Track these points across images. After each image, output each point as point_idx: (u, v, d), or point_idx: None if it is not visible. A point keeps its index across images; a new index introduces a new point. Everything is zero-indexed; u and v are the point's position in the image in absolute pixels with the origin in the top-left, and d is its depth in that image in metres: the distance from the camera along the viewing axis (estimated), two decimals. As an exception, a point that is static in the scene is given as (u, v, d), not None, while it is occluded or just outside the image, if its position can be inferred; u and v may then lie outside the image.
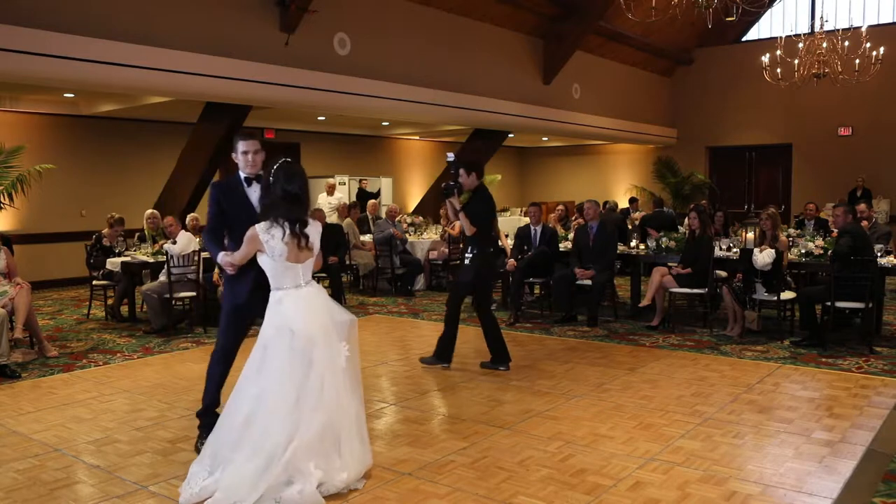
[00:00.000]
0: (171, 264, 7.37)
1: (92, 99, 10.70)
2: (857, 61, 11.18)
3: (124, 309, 8.36)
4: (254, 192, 3.93)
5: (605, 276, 7.89)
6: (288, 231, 3.55)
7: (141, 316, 8.34)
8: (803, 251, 7.36)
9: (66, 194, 11.19)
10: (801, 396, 5.12)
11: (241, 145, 3.97)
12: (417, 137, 17.06)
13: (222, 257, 3.79)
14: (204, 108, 10.08)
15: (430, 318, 8.46)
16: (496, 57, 12.92)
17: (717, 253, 7.67)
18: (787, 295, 7.08)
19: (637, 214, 13.21)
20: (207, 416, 4.09)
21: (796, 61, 11.46)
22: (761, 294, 7.00)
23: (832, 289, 6.47)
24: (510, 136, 15.02)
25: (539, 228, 8.47)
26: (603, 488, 3.55)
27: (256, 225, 3.60)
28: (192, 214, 9.27)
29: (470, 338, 7.36)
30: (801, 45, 11.51)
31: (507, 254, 8.94)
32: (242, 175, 3.99)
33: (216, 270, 7.88)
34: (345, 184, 14.32)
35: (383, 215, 11.35)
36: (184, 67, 8.43)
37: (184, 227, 8.29)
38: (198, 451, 3.93)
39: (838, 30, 11.64)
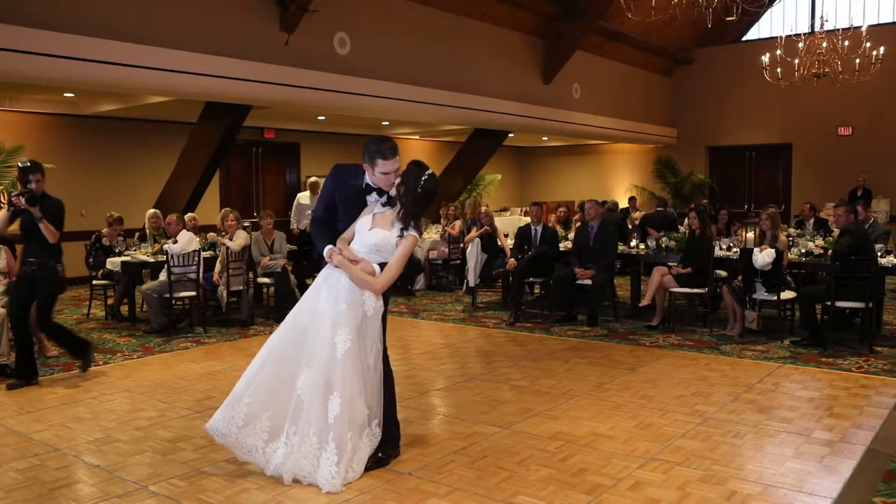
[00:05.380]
0: (172, 264, 7.37)
1: (92, 99, 10.70)
2: (857, 61, 11.17)
3: (124, 309, 8.36)
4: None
5: (605, 275, 7.89)
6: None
7: (141, 316, 8.34)
8: (803, 251, 7.36)
9: (66, 194, 10.93)
10: (801, 396, 5.12)
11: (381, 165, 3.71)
12: (417, 137, 17.06)
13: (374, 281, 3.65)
14: (204, 108, 10.08)
15: (430, 317, 8.46)
16: (496, 57, 12.92)
17: (717, 253, 7.67)
18: (787, 295, 7.08)
19: (637, 214, 13.20)
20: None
21: (796, 61, 11.45)
22: (761, 294, 7.00)
23: (832, 289, 6.47)
24: (510, 135, 15.01)
25: (539, 228, 8.47)
26: (603, 488, 3.55)
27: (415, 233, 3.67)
28: (190, 214, 9.27)
29: (470, 337, 7.37)
30: (801, 44, 11.51)
31: (507, 253, 8.95)
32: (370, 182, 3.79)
33: (216, 270, 7.89)
34: None
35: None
36: (184, 67, 8.43)
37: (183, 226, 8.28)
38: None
39: (838, 29, 11.63)
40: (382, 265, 3.67)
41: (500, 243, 9.38)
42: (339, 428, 3.54)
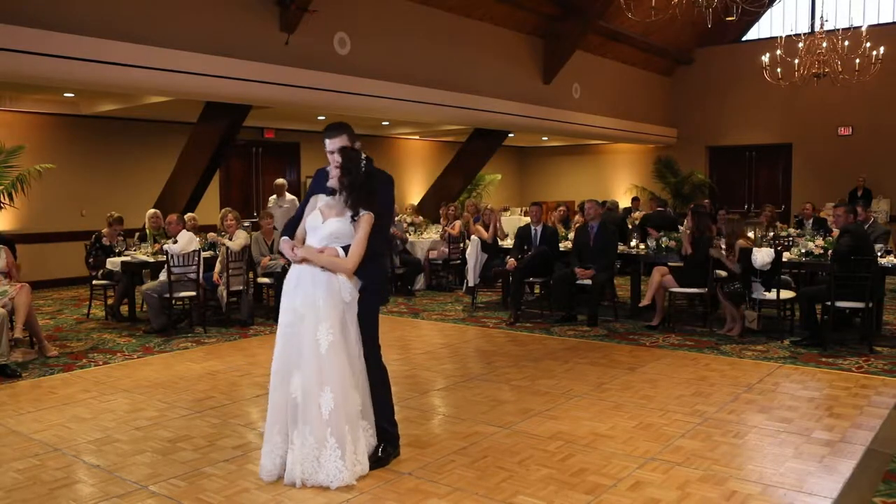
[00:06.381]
0: (172, 264, 7.37)
1: (92, 99, 10.70)
2: (857, 61, 11.16)
3: (124, 309, 8.36)
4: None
5: (605, 275, 7.89)
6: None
7: (141, 316, 8.34)
8: (803, 251, 7.36)
9: (66, 194, 11.19)
10: (801, 396, 5.12)
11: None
12: (417, 137, 17.06)
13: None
14: (204, 108, 10.08)
15: (430, 317, 8.46)
16: (496, 57, 12.92)
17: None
18: (787, 294, 7.08)
19: (637, 214, 13.20)
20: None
21: (796, 61, 11.45)
22: (760, 293, 7.00)
23: (832, 288, 6.47)
24: (510, 135, 15.01)
25: (539, 228, 8.47)
26: (603, 488, 3.55)
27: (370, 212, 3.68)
28: (190, 214, 9.27)
29: (470, 337, 7.37)
30: (801, 44, 11.50)
31: (487, 236, 9.02)
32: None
33: (216, 270, 7.89)
34: None
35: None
36: (184, 67, 8.43)
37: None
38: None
39: (838, 29, 11.63)
40: (345, 248, 3.68)
41: (500, 243, 9.38)
42: (337, 422, 3.54)
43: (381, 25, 10.87)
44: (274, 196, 10.87)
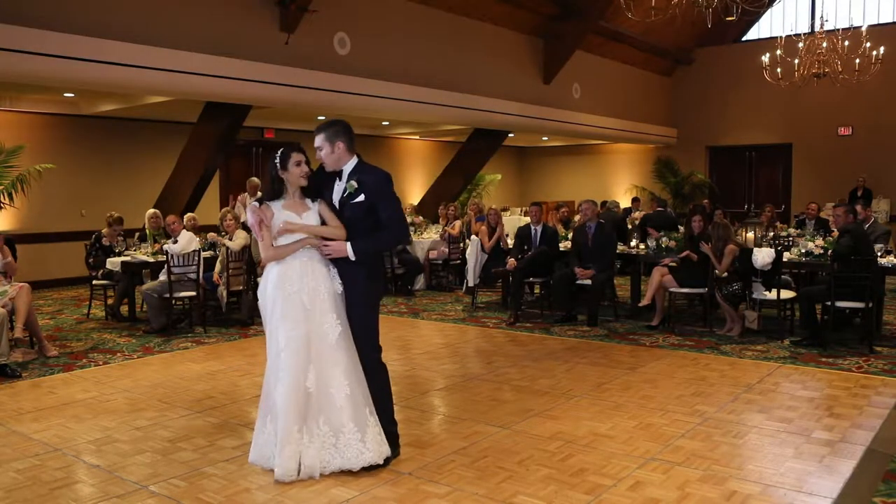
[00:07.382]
0: (172, 264, 7.37)
1: (92, 99, 10.70)
2: (857, 61, 11.17)
3: (124, 309, 8.36)
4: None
5: (604, 275, 7.90)
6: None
7: (141, 316, 8.34)
8: (803, 251, 7.36)
9: (66, 194, 11.19)
10: (801, 396, 5.12)
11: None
12: (417, 137, 17.06)
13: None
14: (204, 108, 10.08)
15: (430, 317, 8.46)
16: (496, 57, 12.92)
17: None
18: (787, 294, 7.07)
19: (637, 214, 13.20)
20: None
21: (796, 61, 11.45)
22: (760, 293, 7.00)
23: (832, 288, 6.47)
24: (510, 135, 15.01)
25: (539, 228, 8.47)
26: (603, 488, 3.55)
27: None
28: (190, 214, 9.27)
29: (470, 337, 7.37)
30: (801, 44, 11.51)
31: (485, 242, 9.03)
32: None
33: (216, 270, 7.89)
34: None
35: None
36: (184, 67, 8.43)
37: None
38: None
39: (838, 29, 11.63)
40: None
41: (501, 244, 9.36)
42: (353, 407, 3.62)
43: (381, 25, 10.87)
44: (245, 193, 10.65)
